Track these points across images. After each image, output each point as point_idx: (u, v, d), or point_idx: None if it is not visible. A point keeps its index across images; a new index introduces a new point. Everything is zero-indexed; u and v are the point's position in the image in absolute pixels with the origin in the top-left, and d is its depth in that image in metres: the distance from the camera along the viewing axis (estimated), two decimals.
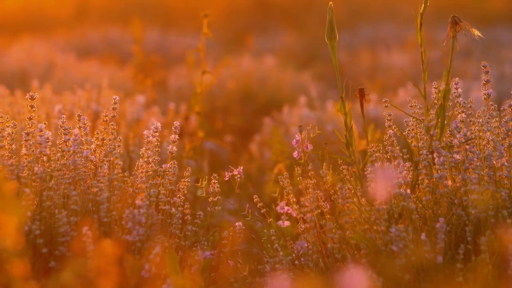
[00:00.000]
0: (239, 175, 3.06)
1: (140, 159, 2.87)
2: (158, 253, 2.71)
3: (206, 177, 3.03)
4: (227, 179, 3.04)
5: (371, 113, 4.55)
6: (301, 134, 2.94)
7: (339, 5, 12.91)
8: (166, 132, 4.13)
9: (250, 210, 3.01)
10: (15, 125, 2.91)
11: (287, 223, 3.07)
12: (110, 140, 2.85)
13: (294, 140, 3.12)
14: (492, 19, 12.23)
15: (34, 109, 2.89)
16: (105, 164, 2.86)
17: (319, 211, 2.79)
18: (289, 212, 3.08)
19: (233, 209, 3.70)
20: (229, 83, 6.03)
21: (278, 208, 3.07)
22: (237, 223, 2.87)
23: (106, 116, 2.85)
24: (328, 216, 2.84)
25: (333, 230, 2.72)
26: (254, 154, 4.61)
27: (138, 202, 2.71)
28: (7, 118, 2.89)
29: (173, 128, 2.87)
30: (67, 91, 4.70)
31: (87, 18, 11.89)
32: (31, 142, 2.82)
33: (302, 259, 2.88)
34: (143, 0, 13.55)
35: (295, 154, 3.09)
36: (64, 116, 2.95)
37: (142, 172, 2.80)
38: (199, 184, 2.99)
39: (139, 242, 2.73)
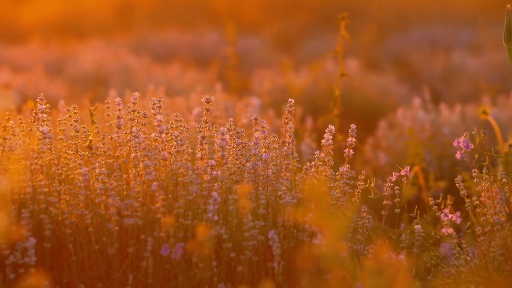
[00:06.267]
0: (405, 177, 3.04)
1: (312, 162, 2.86)
2: (343, 256, 2.69)
3: (373, 179, 3.02)
4: (394, 179, 3.02)
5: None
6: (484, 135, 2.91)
7: (388, 6, 12.88)
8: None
9: (418, 212, 3.00)
10: (187, 129, 2.90)
11: (450, 230, 3.05)
12: (288, 143, 2.84)
13: (455, 142, 3.10)
14: None
15: (209, 112, 2.88)
16: (274, 167, 2.86)
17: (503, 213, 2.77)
18: (452, 219, 3.05)
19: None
20: (319, 85, 6.03)
21: (442, 215, 3.03)
22: (416, 226, 2.85)
23: (287, 119, 2.84)
24: (504, 219, 2.82)
25: None
26: (368, 157, 4.59)
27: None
28: (180, 120, 2.88)
29: (350, 131, 2.86)
30: (177, 95, 4.69)
31: (142, 21, 11.89)
32: (206, 146, 2.82)
33: (475, 260, 2.87)
34: (193, 2, 13.54)
35: (457, 155, 3.07)
36: (231, 120, 2.94)
37: (325, 176, 2.78)
38: (368, 185, 2.98)
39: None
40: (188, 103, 4.52)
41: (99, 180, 2.71)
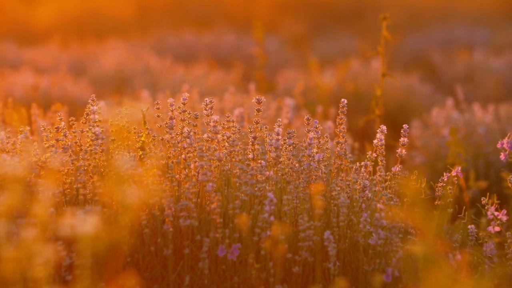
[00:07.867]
0: (456, 177, 3.03)
1: (362, 162, 2.86)
2: (400, 257, 2.69)
3: (424, 179, 3.01)
4: (446, 179, 3.01)
5: None
6: None
7: (404, 6, 12.88)
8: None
9: (466, 212, 2.99)
10: (239, 129, 2.90)
11: (497, 228, 3.04)
12: (341, 144, 2.84)
13: (499, 143, 3.09)
14: None
15: (260, 112, 2.87)
16: (325, 168, 2.85)
17: None
18: (499, 217, 3.05)
19: None
20: (347, 85, 6.04)
21: (489, 213, 3.03)
22: (469, 226, 2.85)
23: (340, 119, 2.84)
24: None
25: None
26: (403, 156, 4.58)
27: (379, 205, 2.69)
28: (232, 121, 2.88)
29: (402, 131, 2.86)
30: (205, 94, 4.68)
31: (160, 21, 11.89)
32: (256, 147, 2.81)
33: None
34: (208, 2, 13.55)
35: (502, 157, 3.07)
36: (280, 120, 2.94)
37: (380, 176, 2.78)
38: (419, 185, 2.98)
39: (380, 246, 2.71)
40: (221, 104, 4.52)
41: (153, 181, 2.71)
